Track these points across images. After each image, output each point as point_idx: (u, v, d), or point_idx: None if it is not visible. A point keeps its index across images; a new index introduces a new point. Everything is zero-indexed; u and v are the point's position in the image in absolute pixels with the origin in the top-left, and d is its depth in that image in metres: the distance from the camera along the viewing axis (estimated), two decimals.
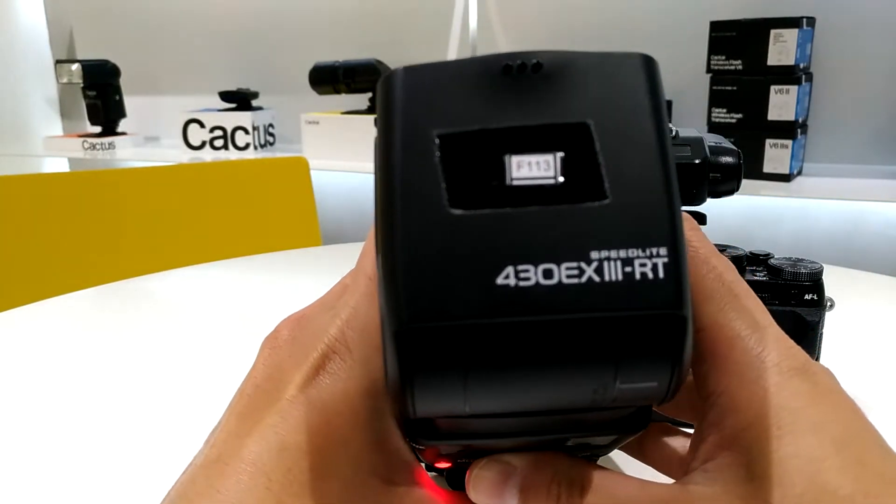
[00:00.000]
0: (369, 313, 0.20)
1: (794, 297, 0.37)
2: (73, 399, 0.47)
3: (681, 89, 1.37)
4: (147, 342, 0.57)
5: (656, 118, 0.16)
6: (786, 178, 1.23)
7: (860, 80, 1.31)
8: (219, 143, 1.71)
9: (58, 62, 1.76)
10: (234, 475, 0.19)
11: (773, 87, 1.21)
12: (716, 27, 1.25)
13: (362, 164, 1.47)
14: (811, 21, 1.23)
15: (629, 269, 0.15)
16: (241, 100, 1.71)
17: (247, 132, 1.68)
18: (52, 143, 1.83)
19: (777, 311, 0.20)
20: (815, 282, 0.37)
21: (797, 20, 1.17)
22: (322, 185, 1.24)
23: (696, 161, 0.29)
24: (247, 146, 1.69)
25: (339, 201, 1.67)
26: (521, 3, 1.53)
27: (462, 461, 0.23)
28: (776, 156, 1.24)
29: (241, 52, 1.84)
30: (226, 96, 1.71)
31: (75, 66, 1.72)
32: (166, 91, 1.96)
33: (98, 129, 1.82)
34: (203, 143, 1.72)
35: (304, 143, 1.57)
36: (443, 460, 0.24)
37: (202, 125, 1.71)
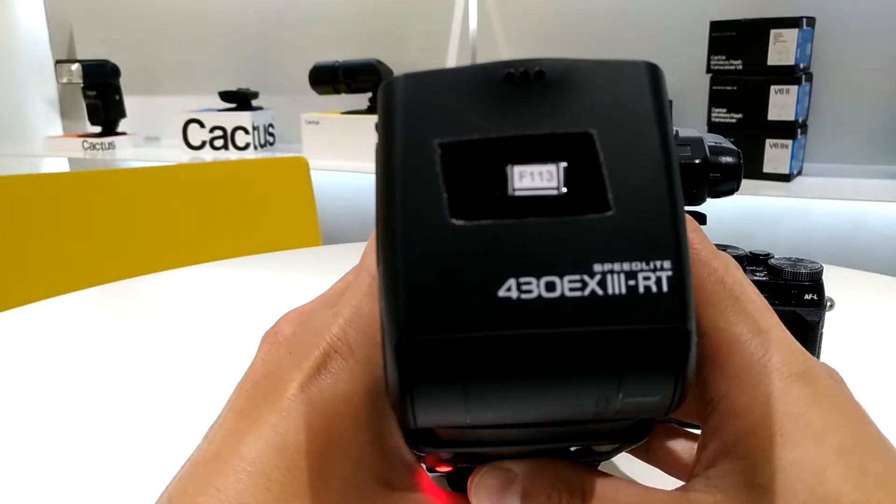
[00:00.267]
0: (372, 312, 0.20)
1: (794, 297, 0.37)
2: (74, 399, 0.47)
3: (681, 89, 1.37)
4: (147, 342, 0.57)
5: (661, 128, 0.16)
6: (786, 178, 1.23)
7: (860, 80, 1.31)
8: (219, 143, 1.71)
9: (58, 62, 1.76)
10: (234, 474, 0.19)
11: (773, 87, 1.21)
12: (716, 27, 1.25)
13: (362, 164, 1.47)
14: (811, 21, 1.23)
15: (633, 283, 0.15)
16: (241, 100, 1.71)
17: (247, 132, 1.68)
18: (52, 143, 1.83)
19: (777, 311, 0.20)
20: (815, 282, 0.37)
21: (797, 20, 1.17)
22: (322, 185, 1.24)
23: (696, 161, 0.29)
24: (247, 146, 1.69)
25: (339, 201, 1.67)
26: (521, 3, 1.53)
27: (463, 465, 0.23)
28: (776, 156, 1.24)
29: (240, 52, 1.84)
30: (226, 96, 1.71)
31: (75, 66, 1.72)
32: (166, 91, 1.96)
33: (98, 129, 1.82)
34: (203, 143, 1.72)
35: (304, 143, 1.57)
36: (443, 465, 0.24)
37: (202, 125, 1.71)
